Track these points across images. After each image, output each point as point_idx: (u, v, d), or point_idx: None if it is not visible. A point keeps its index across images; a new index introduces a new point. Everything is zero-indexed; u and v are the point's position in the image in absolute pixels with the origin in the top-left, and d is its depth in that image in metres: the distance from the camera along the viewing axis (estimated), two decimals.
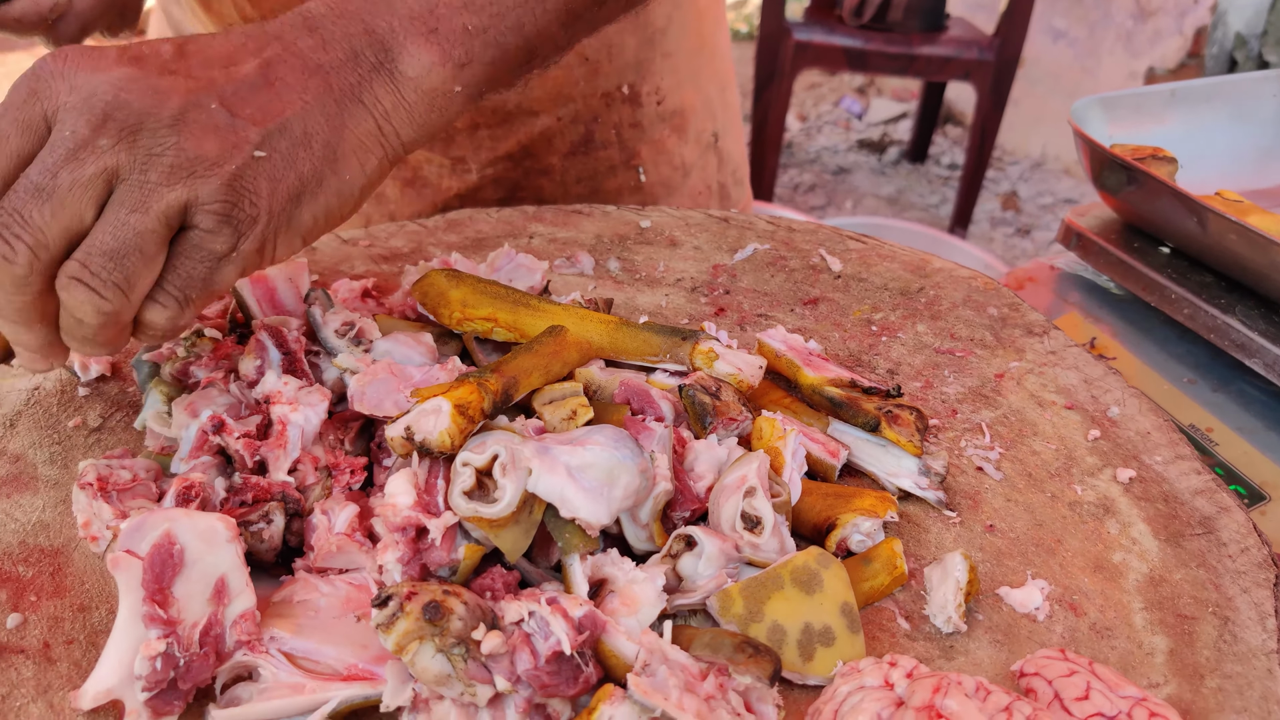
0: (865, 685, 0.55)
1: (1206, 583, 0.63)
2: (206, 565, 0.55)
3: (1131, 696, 0.53)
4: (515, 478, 0.59)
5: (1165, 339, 1.06)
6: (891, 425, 0.71)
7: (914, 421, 0.72)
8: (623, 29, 1.11)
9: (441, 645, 0.52)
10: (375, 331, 0.72)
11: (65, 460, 0.70)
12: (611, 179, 1.20)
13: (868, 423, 0.72)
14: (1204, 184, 1.13)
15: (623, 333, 0.75)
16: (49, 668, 0.56)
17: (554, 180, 1.17)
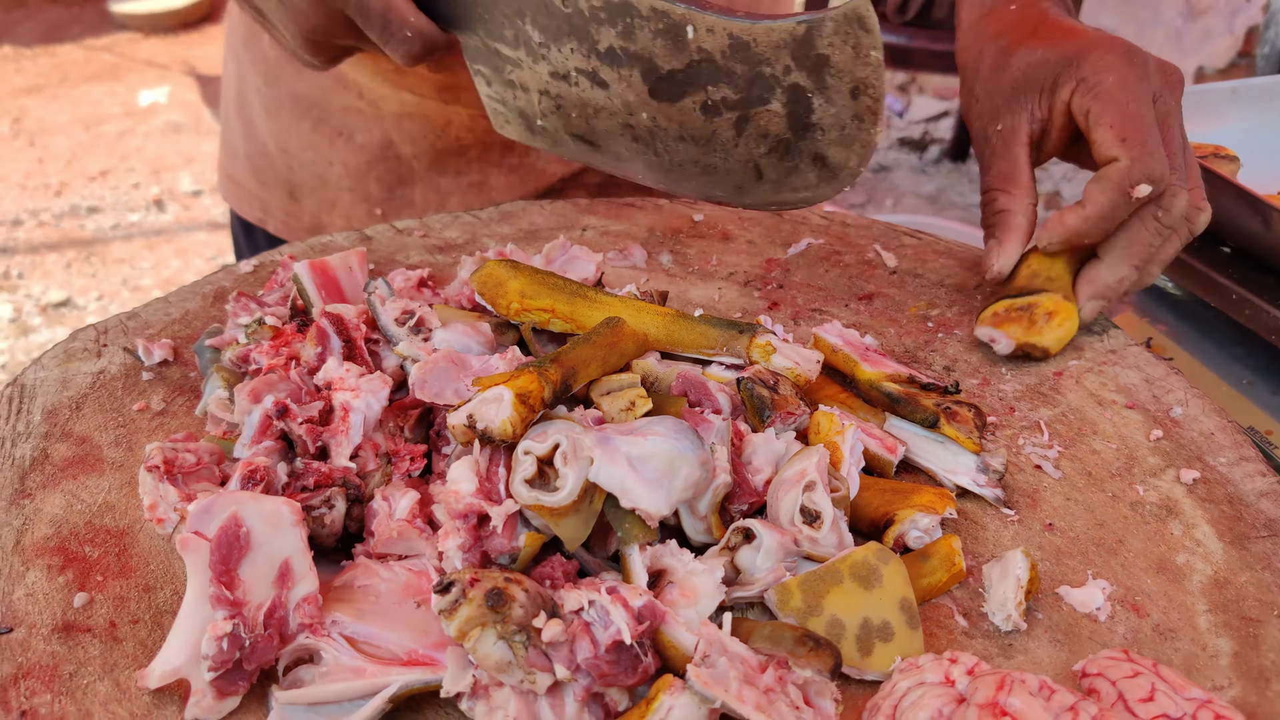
0: (926, 681, 0.55)
1: (1272, 586, 0.62)
2: (272, 548, 0.56)
3: (1196, 699, 0.53)
4: (577, 467, 0.59)
5: (1224, 340, 1.05)
6: (950, 422, 0.71)
7: (972, 419, 0.72)
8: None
9: (503, 632, 0.53)
10: (435, 320, 0.72)
11: (130, 443, 0.71)
12: None
13: (926, 419, 0.72)
14: (1266, 183, 1.11)
15: (679, 325, 0.75)
16: (115, 646, 0.57)
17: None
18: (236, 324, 0.76)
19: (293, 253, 0.91)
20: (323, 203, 1.18)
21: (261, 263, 0.90)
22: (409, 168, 1.14)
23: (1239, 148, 1.09)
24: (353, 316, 0.71)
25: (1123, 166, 0.78)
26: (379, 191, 1.16)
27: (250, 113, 1.21)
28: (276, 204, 1.22)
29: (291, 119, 1.16)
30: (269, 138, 1.19)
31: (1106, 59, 0.82)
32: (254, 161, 1.22)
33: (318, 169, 1.16)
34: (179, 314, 0.84)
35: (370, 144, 1.13)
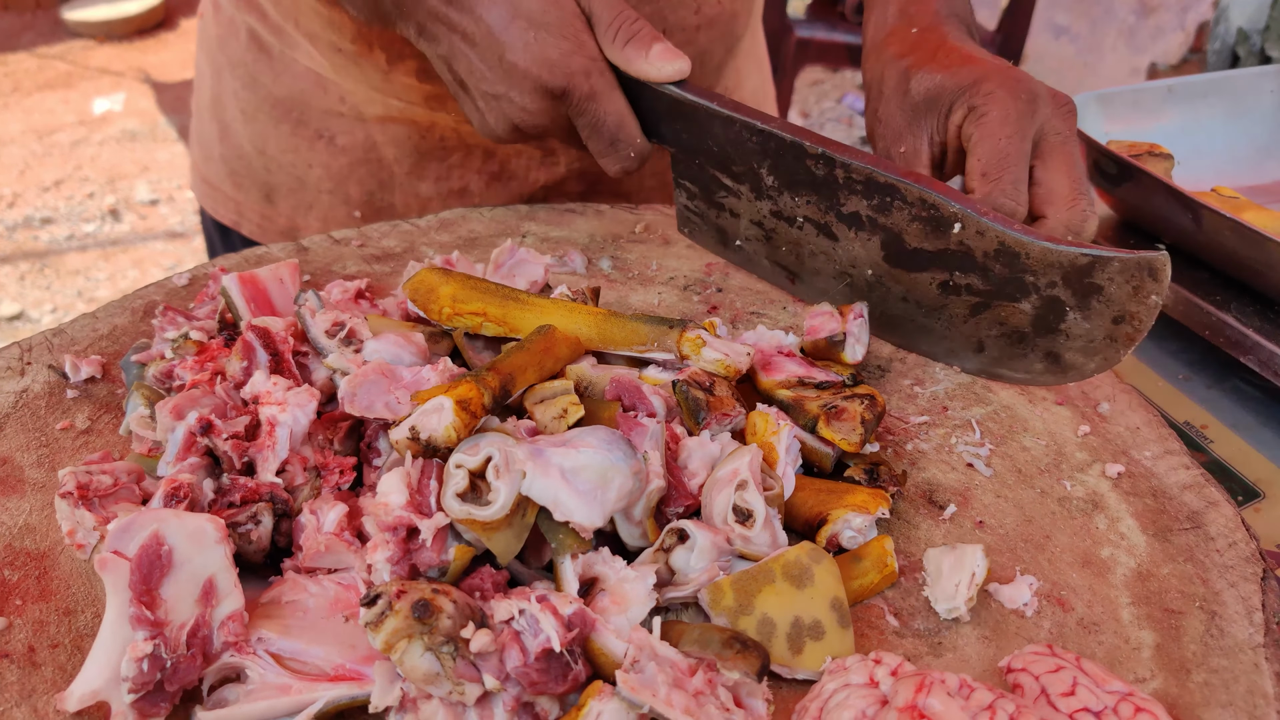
0: (851, 683, 0.55)
1: (1194, 577, 0.63)
2: (195, 566, 0.55)
3: (1118, 691, 0.53)
4: (509, 480, 0.59)
5: (1160, 335, 1.06)
6: (830, 423, 0.71)
7: (861, 412, 0.71)
8: (715, 39, 1.13)
9: (430, 644, 0.52)
10: (366, 331, 0.72)
11: (53, 463, 0.70)
12: None
13: (808, 424, 0.72)
14: (1201, 180, 1.13)
15: (611, 324, 0.75)
16: (33, 672, 0.56)
17: (632, 176, 1.19)
18: (164, 338, 0.76)
19: (224, 265, 0.90)
20: (299, 205, 1.18)
21: (196, 276, 0.90)
22: (390, 171, 1.14)
23: (1174, 146, 1.11)
24: (280, 329, 0.70)
25: (974, 200, 0.79)
26: (359, 195, 1.16)
27: (226, 115, 1.20)
28: (252, 207, 1.22)
29: (270, 122, 1.15)
30: (246, 140, 1.18)
31: (995, 90, 0.84)
32: (230, 164, 1.22)
33: (296, 171, 1.16)
34: (107, 329, 0.83)
35: (352, 146, 1.13)
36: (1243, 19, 3.80)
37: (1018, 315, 0.77)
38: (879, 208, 0.80)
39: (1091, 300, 0.73)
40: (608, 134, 0.88)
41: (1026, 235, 0.74)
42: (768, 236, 0.90)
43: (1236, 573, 0.63)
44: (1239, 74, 1.26)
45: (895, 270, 0.82)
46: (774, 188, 0.86)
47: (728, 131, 0.86)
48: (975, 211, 0.76)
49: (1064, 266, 0.73)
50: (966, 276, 0.78)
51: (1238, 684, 0.57)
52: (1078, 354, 0.76)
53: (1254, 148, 1.23)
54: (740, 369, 0.73)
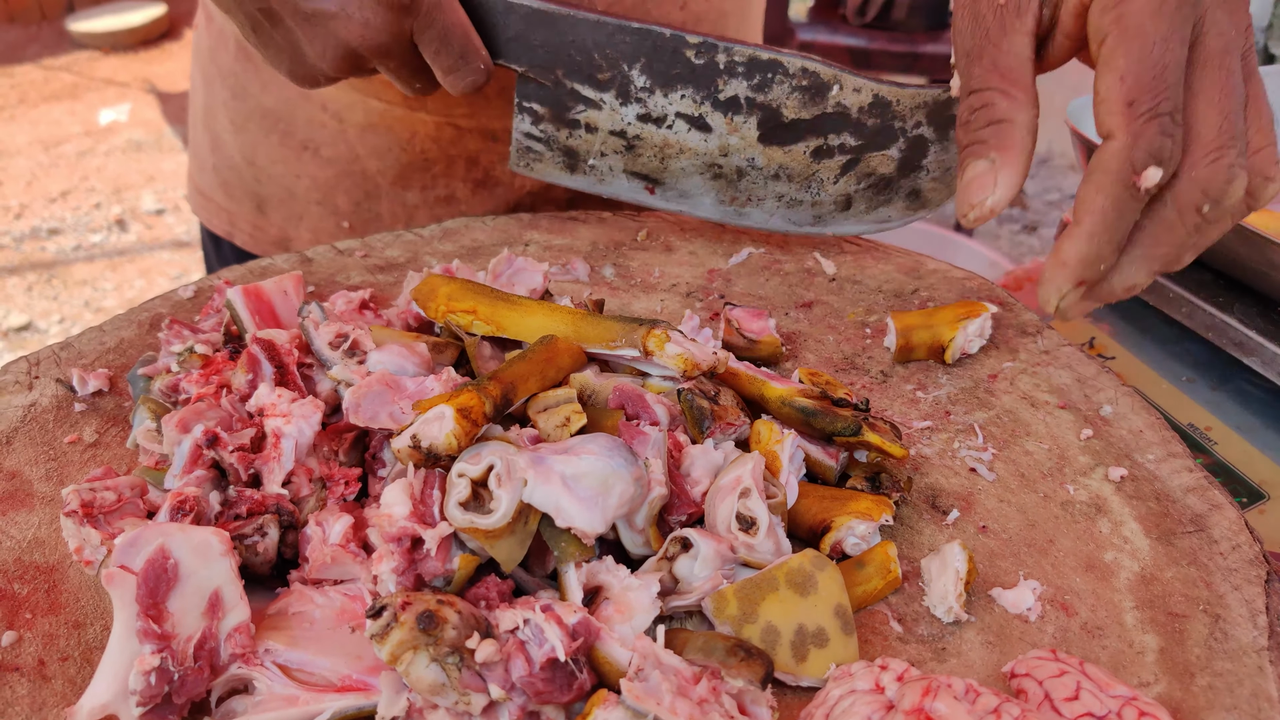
0: (856, 689, 0.55)
1: (1197, 580, 0.63)
2: (201, 579, 0.56)
3: (1121, 696, 0.54)
4: (510, 488, 0.60)
5: (1164, 338, 1.06)
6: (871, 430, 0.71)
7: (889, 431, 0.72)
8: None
9: (435, 654, 0.53)
10: (369, 343, 0.73)
11: (61, 477, 0.71)
12: None
13: (848, 428, 0.71)
14: None
15: (586, 322, 0.76)
16: (44, 685, 0.57)
17: None
18: (170, 352, 0.76)
19: (229, 278, 0.91)
20: (290, 216, 1.19)
21: (201, 288, 0.90)
22: (374, 183, 1.14)
23: None
24: (285, 341, 0.71)
25: (1119, 149, 0.60)
26: (346, 205, 1.16)
27: (217, 126, 1.21)
28: (244, 217, 1.22)
29: (259, 132, 1.16)
30: (236, 151, 1.19)
31: None
32: (222, 175, 1.22)
33: (285, 182, 1.16)
34: (114, 342, 0.83)
35: (337, 158, 1.13)
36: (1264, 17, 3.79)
37: (885, 162, 0.83)
38: (759, 85, 0.82)
39: (950, 130, 0.79)
40: (456, 47, 0.83)
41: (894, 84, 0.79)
42: (629, 146, 0.89)
43: (1240, 576, 0.63)
44: None
45: (769, 149, 0.85)
46: (645, 88, 0.86)
47: (596, 35, 0.85)
48: (852, 72, 0.80)
49: (930, 105, 0.79)
50: (840, 136, 0.83)
51: (1242, 687, 0.57)
52: (935, 183, 0.83)
53: None
54: (701, 365, 0.73)
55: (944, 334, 0.82)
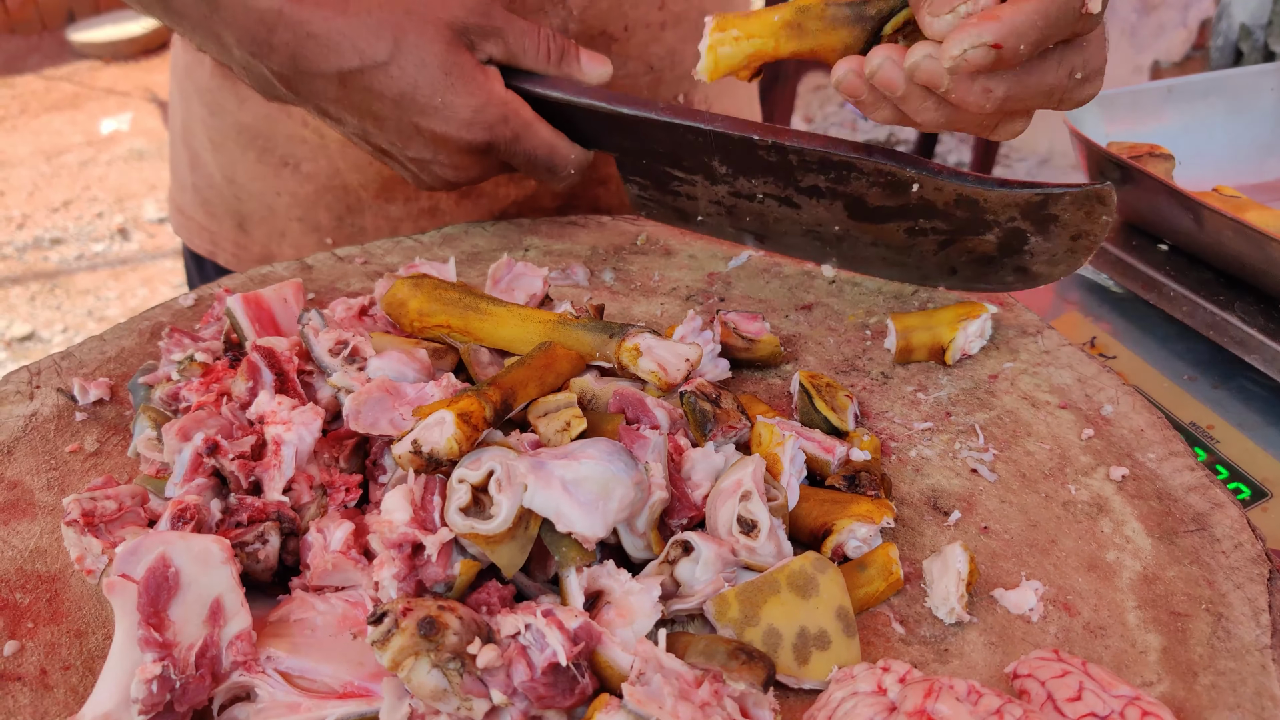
0: (859, 691, 0.55)
1: (1200, 579, 0.63)
2: (202, 587, 0.56)
3: (1124, 696, 0.53)
4: (511, 493, 0.60)
5: (1165, 337, 1.06)
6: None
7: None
8: (684, 38, 1.12)
9: (437, 660, 0.53)
10: (369, 349, 0.73)
11: (62, 486, 0.71)
12: None
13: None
14: (1202, 180, 1.13)
15: (559, 331, 0.76)
16: (46, 694, 0.57)
17: (610, 190, 1.18)
18: (170, 360, 0.76)
19: (229, 285, 0.91)
20: (272, 233, 1.18)
21: (201, 296, 0.90)
22: (357, 196, 1.13)
23: (1174, 146, 1.11)
24: (285, 349, 0.71)
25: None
26: (328, 221, 1.15)
27: (196, 144, 1.20)
28: (225, 235, 1.21)
29: (237, 149, 1.15)
30: (215, 169, 1.18)
31: None
32: (201, 193, 1.22)
33: (265, 199, 1.16)
34: (114, 351, 0.83)
35: (317, 173, 1.13)
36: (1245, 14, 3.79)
37: (984, 245, 0.83)
38: (836, 179, 0.83)
39: (1049, 227, 0.79)
40: (543, 164, 0.89)
41: (981, 183, 0.78)
42: (729, 211, 0.92)
43: (1243, 574, 0.63)
44: (1239, 73, 1.26)
45: (861, 224, 0.86)
46: (728, 175, 0.88)
47: (671, 135, 0.87)
48: (930, 170, 0.79)
49: (1020, 205, 0.78)
50: (931, 222, 0.83)
51: (1245, 686, 0.56)
52: (1043, 265, 0.83)
53: (1255, 146, 1.23)
54: (674, 381, 0.73)
55: (944, 335, 0.82)
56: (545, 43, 0.88)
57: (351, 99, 0.83)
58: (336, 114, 0.86)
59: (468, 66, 0.84)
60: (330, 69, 0.81)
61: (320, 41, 0.81)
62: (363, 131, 0.87)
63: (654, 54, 1.10)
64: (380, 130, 0.86)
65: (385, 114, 0.83)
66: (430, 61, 0.82)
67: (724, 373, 0.81)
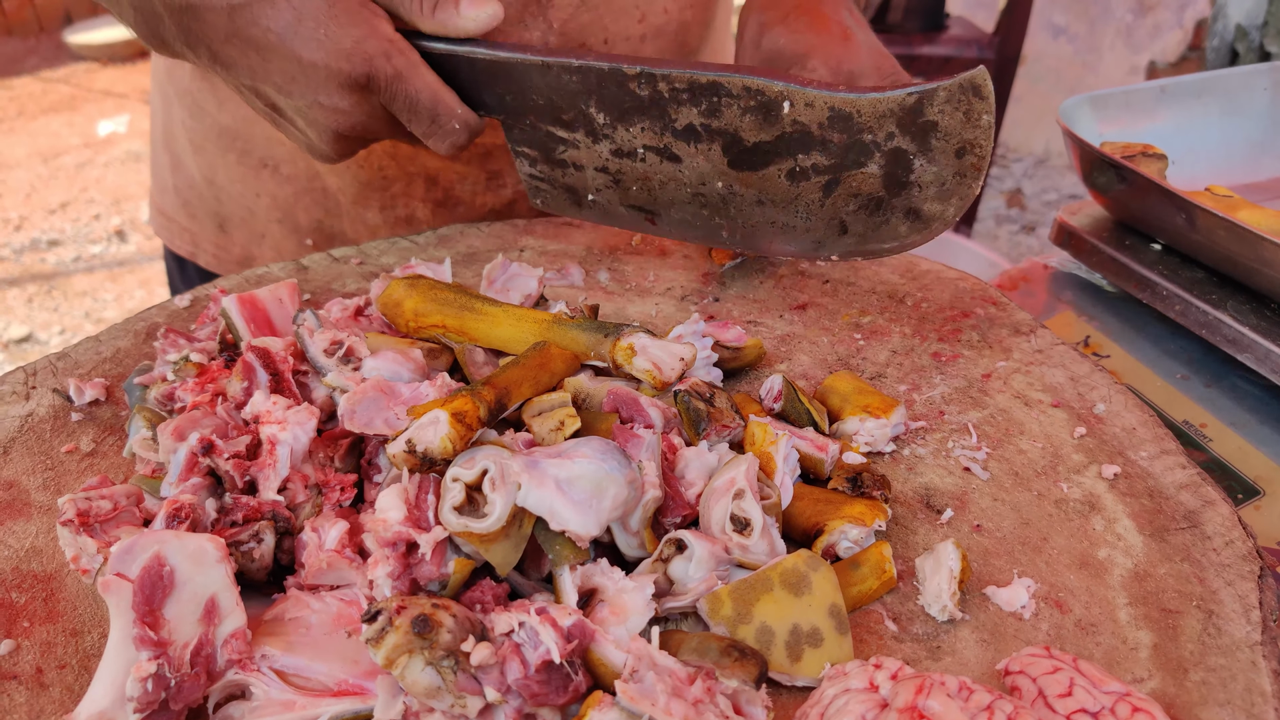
0: (851, 688, 0.55)
1: (1191, 576, 0.63)
2: (197, 586, 0.56)
3: (1115, 692, 0.54)
4: (504, 492, 0.60)
5: (1158, 336, 1.06)
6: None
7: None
8: (664, 49, 1.12)
9: (431, 658, 0.53)
10: (364, 349, 0.73)
11: (58, 486, 0.71)
12: None
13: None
14: (1195, 179, 1.13)
15: (554, 331, 0.76)
16: (41, 693, 0.57)
17: None
18: (165, 361, 0.76)
19: (225, 286, 0.91)
20: (252, 235, 1.18)
21: (197, 297, 0.90)
22: (335, 200, 1.14)
23: (1168, 146, 1.11)
24: (280, 349, 0.71)
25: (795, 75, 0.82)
26: (307, 223, 1.16)
27: (177, 146, 1.21)
28: (207, 237, 1.22)
29: (217, 151, 1.15)
30: (196, 171, 1.19)
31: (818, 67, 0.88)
32: (183, 195, 1.22)
33: (245, 201, 1.16)
34: (110, 352, 0.83)
35: (297, 175, 1.13)
36: (1241, 15, 3.80)
37: (868, 181, 0.78)
38: (709, 111, 0.80)
39: (930, 139, 0.75)
40: (425, 111, 0.85)
41: (852, 92, 0.75)
42: (616, 180, 0.89)
43: (1233, 571, 0.63)
44: (1232, 73, 1.26)
45: (742, 174, 0.83)
46: (607, 125, 0.85)
47: (546, 78, 0.85)
48: (798, 84, 0.77)
49: (896, 113, 0.74)
50: (810, 156, 0.79)
51: (1235, 682, 0.57)
52: (933, 201, 0.78)
53: (1248, 146, 1.23)
54: (668, 380, 0.73)
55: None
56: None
57: (240, 33, 0.82)
58: (226, 56, 0.84)
59: (352, 1, 0.83)
60: (221, 1, 0.80)
61: None
62: (252, 80, 0.85)
63: None
64: (267, 72, 0.84)
65: (271, 47, 0.82)
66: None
67: (717, 381, 0.81)
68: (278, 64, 0.82)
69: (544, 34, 1.02)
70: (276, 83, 0.84)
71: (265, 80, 0.84)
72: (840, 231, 0.82)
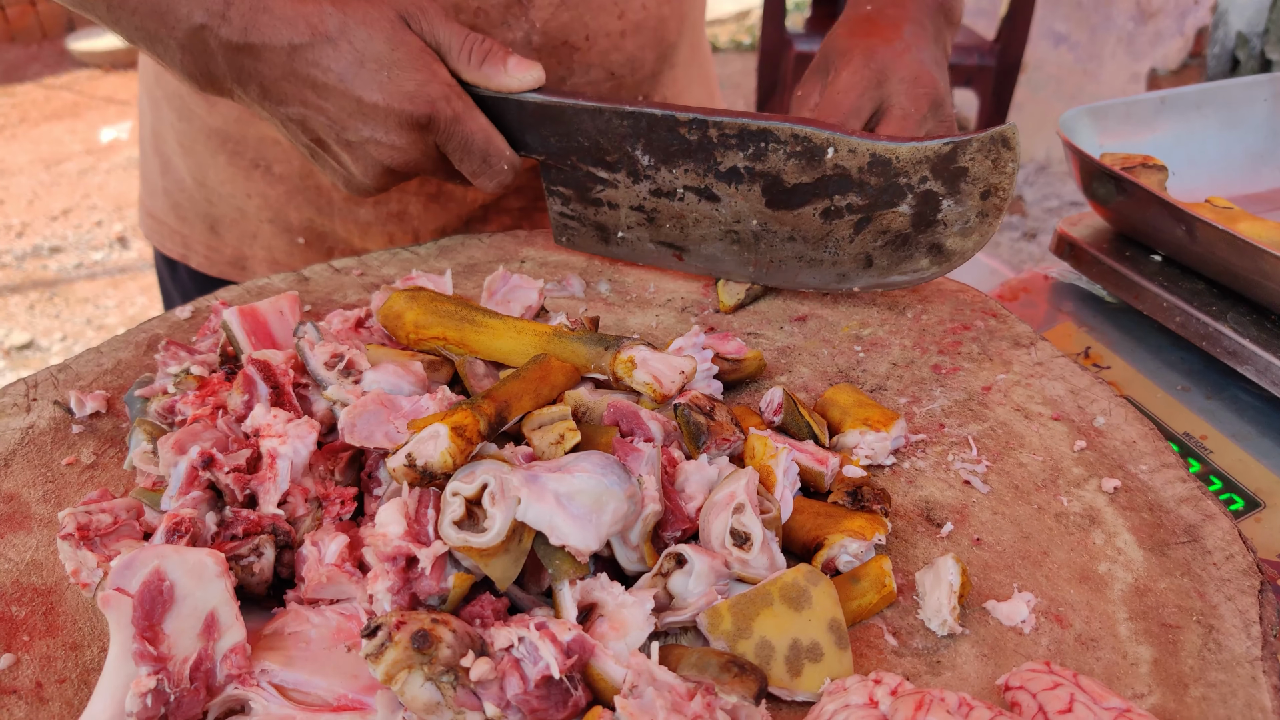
0: (850, 703, 0.55)
1: (1191, 591, 0.63)
2: (196, 600, 0.56)
3: (1115, 708, 0.54)
4: (504, 507, 0.60)
5: (1158, 347, 1.06)
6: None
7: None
8: (644, 44, 1.13)
9: (430, 673, 0.53)
10: (364, 362, 0.73)
11: (59, 499, 0.71)
12: None
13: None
14: (1195, 190, 1.13)
15: (555, 344, 0.76)
16: (41, 707, 0.57)
17: None
18: (166, 373, 0.76)
19: (225, 297, 0.91)
20: (244, 235, 1.19)
21: (198, 309, 0.91)
22: (328, 197, 1.14)
23: (1167, 157, 1.11)
24: (280, 362, 0.71)
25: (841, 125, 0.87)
26: (299, 222, 1.16)
27: (166, 149, 1.21)
28: (198, 239, 1.22)
29: (207, 153, 1.16)
30: (186, 173, 1.19)
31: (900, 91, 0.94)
32: (172, 197, 1.23)
33: (236, 202, 1.17)
34: (111, 364, 0.84)
35: (289, 174, 1.13)
36: (1242, 23, 3.81)
37: (898, 219, 0.85)
38: (755, 155, 0.85)
39: (960, 183, 0.82)
40: (478, 152, 0.89)
41: (893, 141, 0.82)
42: (650, 218, 0.93)
43: (1234, 586, 0.63)
44: (1232, 83, 1.26)
45: (778, 213, 0.88)
46: (650, 166, 0.90)
47: (596, 122, 0.89)
48: (844, 132, 0.83)
49: (931, 159, 0.81)
50: (845, 197, 0.85)
51: (1235, 698, 0.57)
52: (957, 238, 0.85)
53: (1248, 157, 1.23)
54: (669, 393, 0.73)
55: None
56: (471, 43, 0.88)
57: (298, 73, 0.84)
58: (279, 93, 0.86)
59: (414, 45, 0.86)
60: (282, 42, 0.83)
61: (274, 15, 0.83)
62: (302, 114, 0.88)
63: (615, 61, 1.11)
64: (322, 108, 0.86)
65: (330, 87, 0.84)
66: (378, 37, 0.84)
67: (718, 393, 0.82)
68: (335, 102, 0.86)
69: (527, 33, 1.03)
70: (331, 119, 0.87)
71: (318, 115, 0.87)
72: (865, 265, 0.88)
